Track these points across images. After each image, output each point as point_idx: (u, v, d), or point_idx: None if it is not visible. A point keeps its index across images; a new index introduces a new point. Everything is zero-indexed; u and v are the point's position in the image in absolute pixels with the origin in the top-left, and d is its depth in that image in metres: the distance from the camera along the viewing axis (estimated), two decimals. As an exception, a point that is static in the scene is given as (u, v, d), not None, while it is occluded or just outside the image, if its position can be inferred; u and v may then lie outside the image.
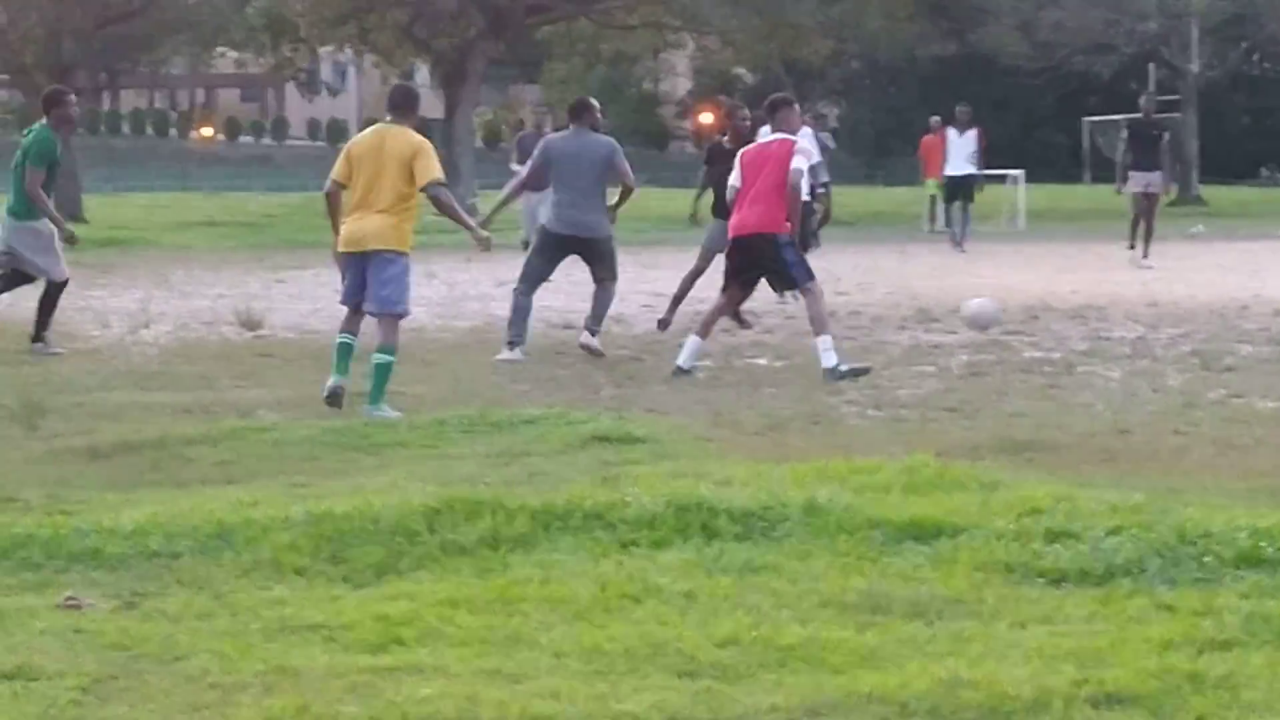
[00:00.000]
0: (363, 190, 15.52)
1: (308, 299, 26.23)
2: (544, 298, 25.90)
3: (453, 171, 55.99)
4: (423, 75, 76.55)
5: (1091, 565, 8.61)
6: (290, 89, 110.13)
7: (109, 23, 53.08)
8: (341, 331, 15.80)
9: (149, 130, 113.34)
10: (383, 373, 15.18)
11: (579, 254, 19.95)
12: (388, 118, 16.02)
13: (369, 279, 15.44)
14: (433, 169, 15.55)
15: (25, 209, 19.68)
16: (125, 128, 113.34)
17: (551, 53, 79.53)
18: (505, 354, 19.15)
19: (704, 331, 17.81)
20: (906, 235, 42.67)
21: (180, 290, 28.18)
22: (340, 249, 15.71)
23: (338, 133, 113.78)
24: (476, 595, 8.32)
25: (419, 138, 15.71)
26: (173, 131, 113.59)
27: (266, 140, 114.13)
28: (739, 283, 18.22)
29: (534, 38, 68.45)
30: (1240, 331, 20.76)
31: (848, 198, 55.49)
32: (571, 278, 22.56)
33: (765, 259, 17.72)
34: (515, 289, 19.91)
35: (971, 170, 38.06)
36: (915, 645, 7.47)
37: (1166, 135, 32.78)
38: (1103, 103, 72.08)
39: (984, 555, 8.81)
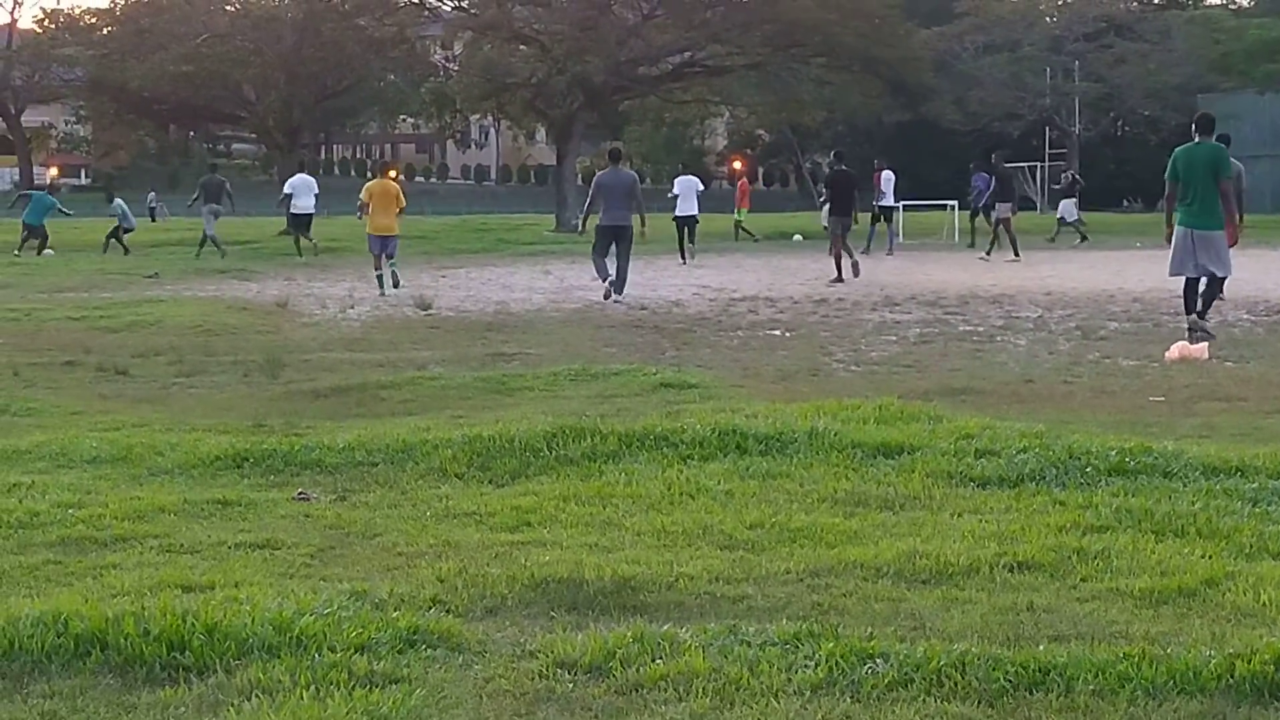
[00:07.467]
0: None
1: (463, 288, 26.23)
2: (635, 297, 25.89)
3: (562, 200, 56.47)
4: (540, 134, 76.97)
5: (1007, 473, 8.53)
6: (450, 144, 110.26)
7: (325, 99, 53.71)
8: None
9: (352, 172, 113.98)
10: None
11: (615, 239, 22.80)
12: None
13: None
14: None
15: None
16: (336, 170, 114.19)
17: (630, 119, 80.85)
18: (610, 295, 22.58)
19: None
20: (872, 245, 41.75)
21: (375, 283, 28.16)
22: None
23: (482, 174, 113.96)
24: (581, 492, 8.30)
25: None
26: (369, 174, 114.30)
27: (433, 179, 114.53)
28: None
29: (618, 109, 69.19)
30: (1109, 312, 20.57)
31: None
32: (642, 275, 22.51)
33: None
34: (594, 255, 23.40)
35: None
36: (885, 528, 7.42)
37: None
38: (1013, 154, 71.84)
39: (932, 466, 8.74)
